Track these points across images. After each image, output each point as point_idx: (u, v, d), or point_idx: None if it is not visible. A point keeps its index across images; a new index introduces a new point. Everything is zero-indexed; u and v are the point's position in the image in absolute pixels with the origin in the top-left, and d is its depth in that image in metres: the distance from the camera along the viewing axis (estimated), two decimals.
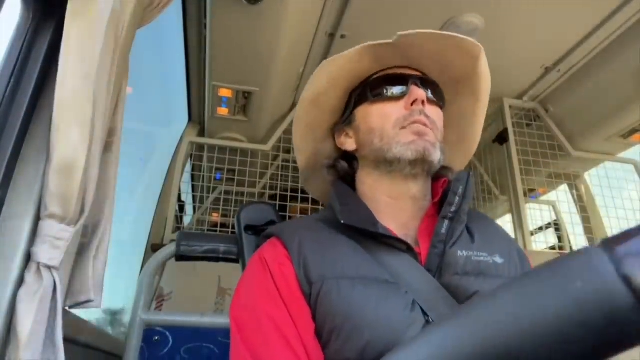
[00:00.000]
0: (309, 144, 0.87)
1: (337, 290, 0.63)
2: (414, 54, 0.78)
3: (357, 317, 0.61)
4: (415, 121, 0.73)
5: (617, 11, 1.67)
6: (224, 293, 1.89)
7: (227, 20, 1.59)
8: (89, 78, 0.65)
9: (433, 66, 0.80)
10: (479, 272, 0.68)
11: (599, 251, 0.31)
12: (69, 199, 0.63)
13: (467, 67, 0.80)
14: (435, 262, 0.68)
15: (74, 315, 0.92)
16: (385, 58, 0.78)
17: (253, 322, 0.64)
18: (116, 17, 0.71)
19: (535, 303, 0.32)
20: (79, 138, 0.63)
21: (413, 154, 0.72)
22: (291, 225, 0.77)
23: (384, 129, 0.75)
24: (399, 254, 0.68)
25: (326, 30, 1.82)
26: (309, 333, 0.63)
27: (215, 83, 1.96)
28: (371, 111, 0.78)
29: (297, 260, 0.67)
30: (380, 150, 0.75)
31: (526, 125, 2.34)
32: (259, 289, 0.68)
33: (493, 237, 0.77)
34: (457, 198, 0.73)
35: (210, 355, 1.46)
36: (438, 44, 0.76)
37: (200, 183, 2.33)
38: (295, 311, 0.64)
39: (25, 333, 0.57)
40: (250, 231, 1.04)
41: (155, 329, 1.41)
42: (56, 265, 0.62)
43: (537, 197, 2.66)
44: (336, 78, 0.79)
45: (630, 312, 0.29)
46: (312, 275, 0.65)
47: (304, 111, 0.84)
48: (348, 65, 0.78)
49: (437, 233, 0.70)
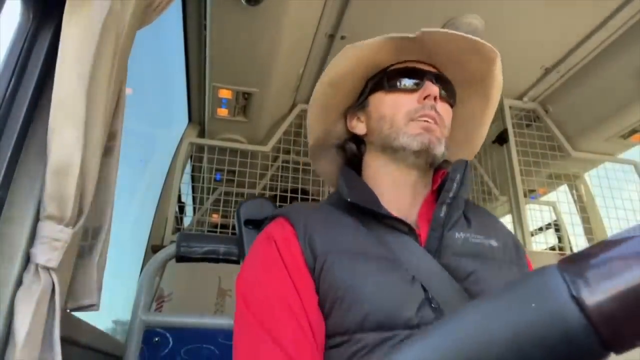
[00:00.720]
0: (320, 124, 0.90)
1: (340, 263, 0.66)
2: (433, 51, 0.81)
3: (358, 290, 0.64)
4: (425, 114, 0.76)
5: (617, 12, 1.67)
6: (224, 294, 1.89)
7: (227, 21, 1.59)
8: (84, 78, 0.65)
9: (449, 65, 0.83)
10: (476, 253, 0.71)
11: (554, 272, 0.33)
12: (65, 200, 0.63)
13: (482, 70, 0.83)
14: (435, 244, 0.71)
15: (74, 316, 0.92)
16: (404, 51, 0.81)
17: (259, 294, 0.67)
18: (115, 17, 0.71)
19: (496, 323, 0.34)
20: (73, 139, 0.63)
21: (418, 145, 0.75)
22: (297, 207, 0.80)
23: (394, 118, 0.78)
24: (401, 235, 0.72)
25: (326, 32, 1.82)
26: (313, 304, 0.65)
27: (215, 84, 1.96)
28: (385, 100, 0.81)
29: (303, 237, 0.70)
30: (388, 137, 0.78)
31: (526, 125, 2.34)
32: (265, 263, 0.70)
33: (489, 223, 0.81)
34: (455, 185, 0.76)
35: (211, 356, 1.46)
36: (457, 45, 0.79)
37: (200, 184, 2.33)
38: (300, 284, 0.66)
39: (23, 334, 0.57)
40: (250, 225, 1.04)
41: (156, 330, 1.41)
42: (54, 267, 0.62)
43: (537, 197, 2.66)
44: (356, 64, 0.82)
45: (582, 332, 0.30)
46: (316, 250, 0.68)
47: (321, 92, 0.86)
48: (368, 54, 0.81)
49: (435, 217, 0.73)
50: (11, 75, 0.70)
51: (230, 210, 2.30)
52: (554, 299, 0.32)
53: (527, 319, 0.32)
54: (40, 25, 0.74)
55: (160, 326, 1.36)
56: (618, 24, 1.73)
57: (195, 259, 1.11)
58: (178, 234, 1.69)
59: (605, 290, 0.30)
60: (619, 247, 0.32)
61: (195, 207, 2.66)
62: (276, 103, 2.18)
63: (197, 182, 2.44)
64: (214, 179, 2.44)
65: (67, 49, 0.65)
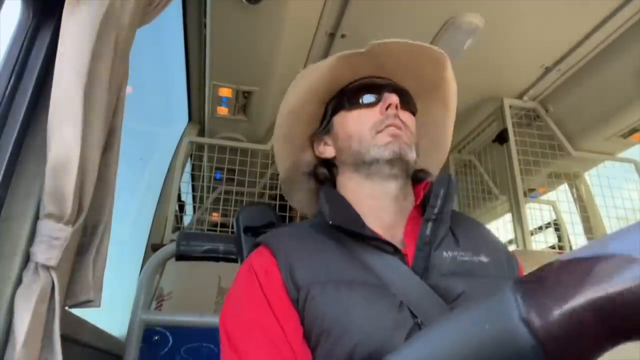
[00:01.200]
0: (288, 154, 0.90)
1: (324, 295, 0.64)
2: (388, 63, 0.82)
3: (345, 320, 0.62)
4: (390, 124, 0.77)
5: (617, 11, 1.67)
6: (224, 292, 1.88)
7: (227, 19, 1.59)
8: (83, 76, 0.65)
9: (406, 76, 0.84)
10: (465, 271, 0.69)
11: (508, 293, 0.35)
12: (65, 198, 0.63)
13: (435, 77, 0.84)
14: (422, 265, 0.69)
15: (74, 314, 0.92)
16: (360, 68, 0.82)
17: (240, 329, 0.65)
18: (115, 16, 0.71)
19: (453, 344, 0.37)
20: (72, 137, 0.63)
21: (390, 154, 0.75)
22: (279, 233, 0.78)
23: (361, 134, 0.78)
24: (386, 256, 0.70)
25: (326, 30, 1.82)
26: (297, 337, 0.64)
27: (215, 82, 1.96)
28: (348, 118, 0.81)
29: (284, 267, 0.68)
30: (359, 154, 0.78)
31: (526, 125, 2.34)
32: (246, 297, 0.69)
33: (478, 237, 0.78)
34: (439, 200, 0.74)
35: (210, 354, 1.46)
36: (409, 53, 0.80)
37: (200, 183, 2.33)
38: (283, 316, 0.65)
39: (23, 332, 0.57)
40: (249, 232, 1.04)
41: (155, 329, 1.41)
42: (54, 265, 0.62)
43: (537, 196, 2.67)
44: (314, 88, 0.83)
45: (531, 353, 0.32)
46: (298, 281, 0.66)
47: (283, 121, 0.87)
48: (324, 76, 0.82)
49: (421, 236, 0.71)
50: (11, 74, 0.70)
51: (230, 209, 2.30)
52: (506, 320, 0.34)
53: (481, 339, 0.35)
54: (40, 23, 0.74)
55: (160, 325, 1.36)
56: (618, 23, 1.73)
57: (195, 258, 1.11)
58: (178, 232, 1.69)
59: (553, 312, 0.32)
60: (571, 268, 0.34)
61: (195, 206, 2.66)
62: (276, 102, 2.16)
63: (197, 181, 2.44)
64: (214, 177, 2.44)
65: (66, 47, 0.65)
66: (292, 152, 0.89)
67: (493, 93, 2.22)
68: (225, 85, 1.98)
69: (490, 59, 1.92)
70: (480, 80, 2.09)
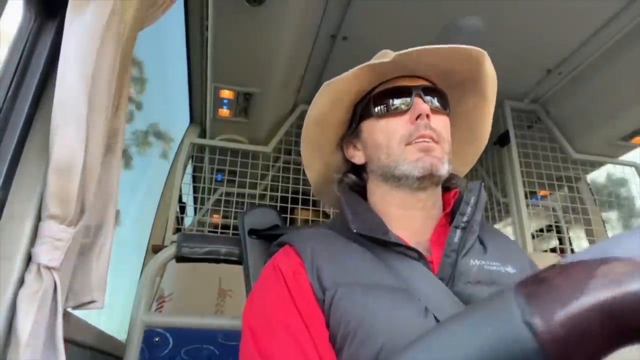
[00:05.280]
0: (317, 160, 0.88)
1: (350, 297, 0.64)
2: (415, 65, 0.78)
3: (370, 323, 0.61)
4: (421, 136, 0.73)
5: (619, 14, 1.67)
6: (225, 294, 1.88)
7: (229, 21, 1.59)
8: (86, 77, 0.65)
9: (436, 73, 0.81)
10: (491, 281, 0.68)
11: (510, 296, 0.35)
12: (67, 200, 0.63)
13: (471, 71, 0.80)
14: (448, 271, 0.68)
15: (74, 316, 0.92)
16: (386, 71, 0.79)
17: (267, 329, 0.65)
18: (117, 17, 0.71)
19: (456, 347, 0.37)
20: (75, 138, 0.63)
21: (420, 172, 0.72)
22: (303, 234, 0.77)
23: (390, 146, 0.75)
24: (411, 262, 0.69)
25: (328, 32, 1.82)
26: (323, 339, 0.63)
27: (217, 84, 1.96)
28: (376, 126, 0.78)
29: (311, 268, 0.68)
30: (388, 167, 0.75)
31: (527, 127, 2.34)
32: (273, 297, 0.68)
33: (505, 248, 0.77)
34: (470, 208, 0.73)
35: (211, 356, 1.45)
36: (438, 56, 0.76)
37: (201, 184, 2.33)
38: (309, 318, 0.64)
39: (26, 334, 0.56)
40: (253, 235, 1.04)
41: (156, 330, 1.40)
42: (56, 266, 0.62)
43: (537, 199, 2.66)
44: (339, 97, 0.80)
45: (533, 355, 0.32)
46: (325, 283, 0.66)
47: (310, 131, 0.85)
48: (348, 85, 0.79)
49: (449, 242, 0.70)
50: (13, 75, 0.70)
51: (231, 211, 2.30)
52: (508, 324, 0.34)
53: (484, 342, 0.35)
54: (42, 24, 0.74)
55: (160, 326, 1.36)
56: (620, 26, 1.73)
57: (195, 260, 1.11)
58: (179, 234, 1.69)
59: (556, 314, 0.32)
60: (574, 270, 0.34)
61: (196, 208, 2.66)
62: (278, 103, 2.18)
63: (198, 183, 2.43)
64: (215, 179, 2.44)
65: (70, 49, 0.65)
66: (320, 158, 0.88)
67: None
68: (227, 87, 1.98)
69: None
70: None
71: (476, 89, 0.83)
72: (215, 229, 2.45)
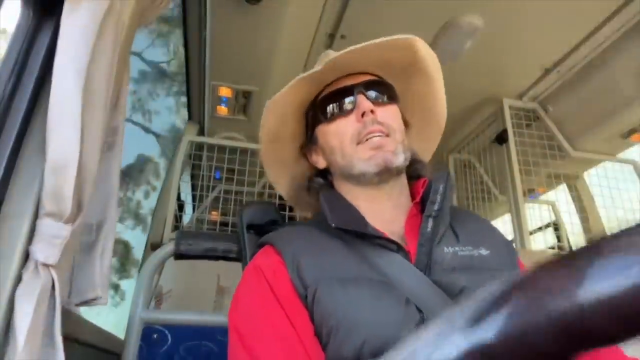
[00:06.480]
0: (284, 176, 0.91)
1: (331, 292, 0.65)
2: (355, 64, 0.80)
3: (352, 317, 0.62)
4: (370, 132, 0.74)
5: (617, 12, 1.67)
6: (223, 291, 1.89)
7: (227, 19, 1.59)
8: (82, 75, 0.65)
9: (376, 66, 0.82)
10: (465, 266, 0.70)
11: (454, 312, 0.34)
12: (64, 197, 0.63)
13: (408, 56, 0.81)
14: (424, 261, 0.70)
15: (73, 313, 0.93)
16: (326, 77, 0.81)
17: (253, 330, 0.66)
18: (115, 15, 0.71)
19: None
20: (71, 136, 0.64)
21: (375, 168, 0.74)
22: (283, 233, 0.79)
23: (342, 147, 0.77)
24: (390, 253, 0.70)
25: (326, 31, 1.82)
26: (309, 334, 0.64)
27: (215, 82, 1.97)
28: (328, 130, 0.80)
29: (291, 266, 0.69)
30: (345, 168, 0.77)
31: (526, 125, 2.34)
32: (256, 297, 0.69)
33: (477, 230, 0.79)
34: (439, 196, 0.75)
35: (209, 353, 1.46)
36: (371, 52, 0.77)
37: (199, 182, 2.33)
38: (294, 315, 0.65)
39: (24, 331, 0.57)
40: (252, 230, 1.04)
41: (154, 327, 1.41)
42: (54, 263, 0.62)
43: (536, 197, 2.67)
44: (284, 112, 0.83)
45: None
46: (306, 279, 0.67)
47: (268, 150, 0.88)
48: (291, 97, 0.81)
49: (422, 232, 0.72)
50: (10, 73, 0.70)
51: (230, 208, 2.30)
52: (450, 346, 0.33)
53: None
54: (40, 23, 0.74)
55: (159, 323, 1.36)
56: (618, 24, 1.73)
57: (194, 257, 1.12)
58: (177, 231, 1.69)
59: (489, 328, 0.31)
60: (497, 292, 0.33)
61: (194, 205, 2.66)
62: None
63: (196, 180, 2.44)
64: (214, 177, 2.44)
65: (66, 47, 0.65)
66: (286, 172, 0.90)
67: (493, 94, 2.23)
68: (225, 85, 1.98)
69: (490, 60, 1.93)
70: (480, 81, 2.10)
71: (419, 71, 0.84)
72: (214, 226, 2.46)
